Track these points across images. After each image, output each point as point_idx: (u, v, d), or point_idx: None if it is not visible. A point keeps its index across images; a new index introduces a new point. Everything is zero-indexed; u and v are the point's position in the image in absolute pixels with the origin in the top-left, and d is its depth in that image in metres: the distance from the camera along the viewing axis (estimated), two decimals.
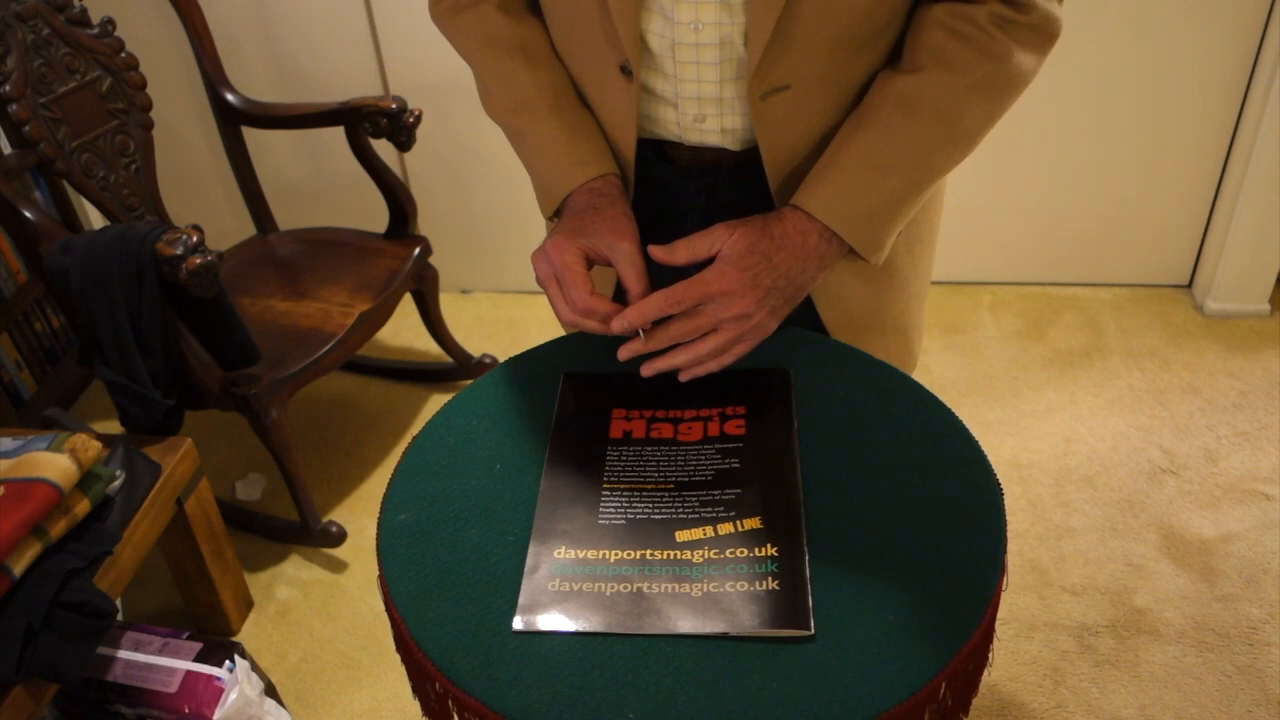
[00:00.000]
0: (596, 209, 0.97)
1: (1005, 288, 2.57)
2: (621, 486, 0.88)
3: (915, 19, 0.95)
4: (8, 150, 1.79)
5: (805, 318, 1.06)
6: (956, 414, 0.93)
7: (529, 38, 1.03)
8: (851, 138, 0.95)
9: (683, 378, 0.96)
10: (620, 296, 0.97)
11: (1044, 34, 0.93)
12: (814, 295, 1.07)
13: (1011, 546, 1.86)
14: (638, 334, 0.94)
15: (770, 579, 0.79)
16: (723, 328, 0.92)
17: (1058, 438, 2.12)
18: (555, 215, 1.04)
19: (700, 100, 0.98)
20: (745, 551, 0.81)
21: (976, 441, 0.90)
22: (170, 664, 1.51)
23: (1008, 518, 0.83)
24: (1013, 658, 1.69)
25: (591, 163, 1.00)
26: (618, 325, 0.92)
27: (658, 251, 0.94)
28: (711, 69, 0.95)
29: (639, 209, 1.06)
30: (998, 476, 0.87)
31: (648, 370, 0.95)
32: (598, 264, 0.97)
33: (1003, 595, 0.80)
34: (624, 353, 0.95)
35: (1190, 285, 2.52)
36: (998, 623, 0.85)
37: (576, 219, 0.97)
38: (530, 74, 1.02)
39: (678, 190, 1.06)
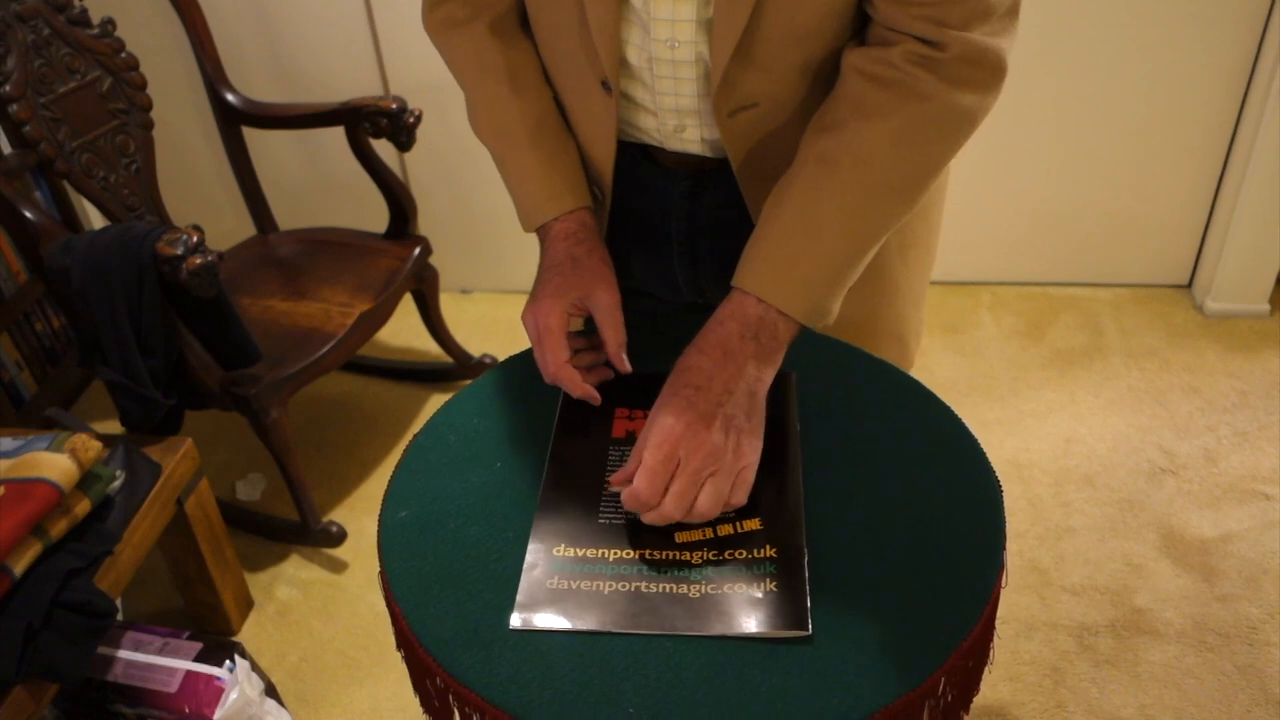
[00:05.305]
0: (575, 260, 0.99)
1: (1005, 288, 2.57)
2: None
3: (841, 67, 0.91)
4: (8, 150, 1.79)
5: None
6: (956, 413, 0.93)
7: (517, 63, 1.04)
8: (776, 206, 0.91)
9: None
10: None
11: (983, 67, 0.86)
12: None
13: (1011, 546, 1.86)
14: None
15: (769, 580, 0.79)
16: (706, 474, 0.82)
17: (1058, 438, 2.12)
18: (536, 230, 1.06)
19: (680, 112, 0.98)
20: (744, 553, 0.81)
21: (976, 441, 0.90)
22: (170, 664, 1.51)
23: (1008, 518, 0.83)
24: (1013, 657, 1.69)
25: (566, 195, 1.02)
26: (626, 499, 0.83)
27: (626, 496, 0.83)
28: (689, 84, 0.95)
29: (626, 210, 1.08)
30: (998, 476, 0.87)
31: (649, 519, 0.83)
32: (585, 315, 0.99)
33: (1003, 595, 0.80)
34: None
35: (1190, 285, 2.52)
36: (998, 623, 0.85)
37: (559, 277, 0.99)
38: (515, 102, 1.03)
39: (663, 190, 1.07)
